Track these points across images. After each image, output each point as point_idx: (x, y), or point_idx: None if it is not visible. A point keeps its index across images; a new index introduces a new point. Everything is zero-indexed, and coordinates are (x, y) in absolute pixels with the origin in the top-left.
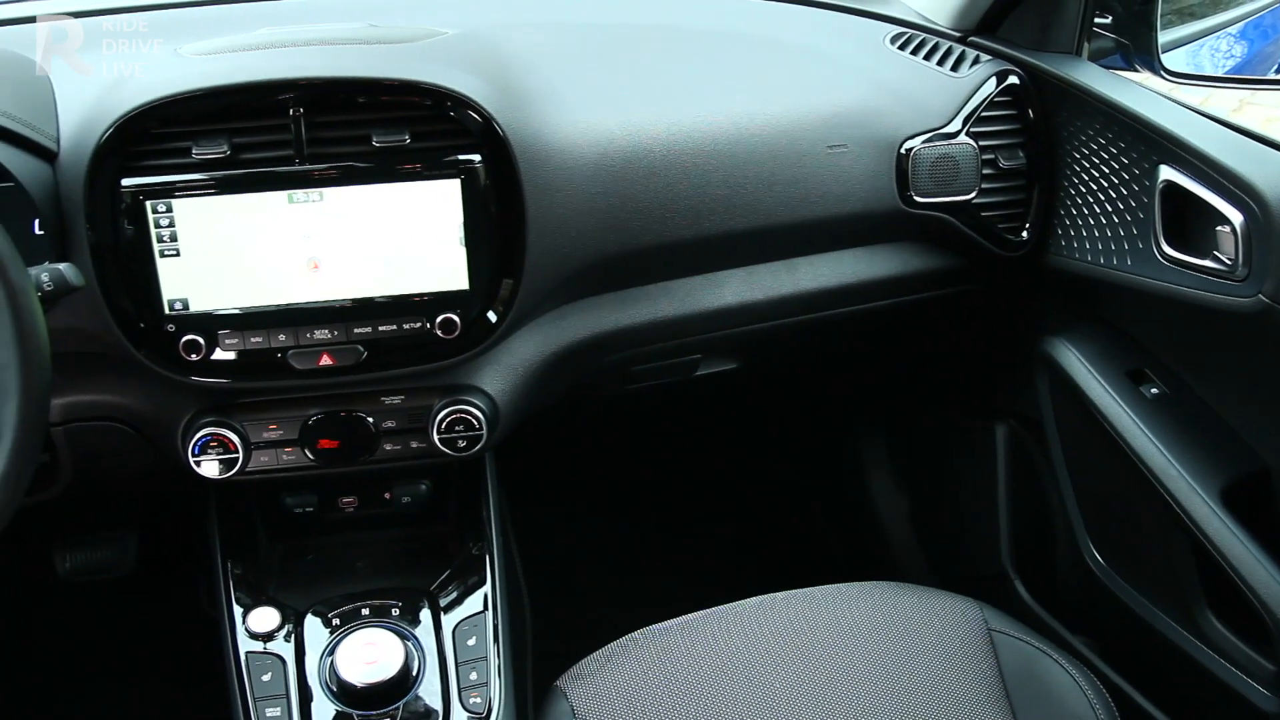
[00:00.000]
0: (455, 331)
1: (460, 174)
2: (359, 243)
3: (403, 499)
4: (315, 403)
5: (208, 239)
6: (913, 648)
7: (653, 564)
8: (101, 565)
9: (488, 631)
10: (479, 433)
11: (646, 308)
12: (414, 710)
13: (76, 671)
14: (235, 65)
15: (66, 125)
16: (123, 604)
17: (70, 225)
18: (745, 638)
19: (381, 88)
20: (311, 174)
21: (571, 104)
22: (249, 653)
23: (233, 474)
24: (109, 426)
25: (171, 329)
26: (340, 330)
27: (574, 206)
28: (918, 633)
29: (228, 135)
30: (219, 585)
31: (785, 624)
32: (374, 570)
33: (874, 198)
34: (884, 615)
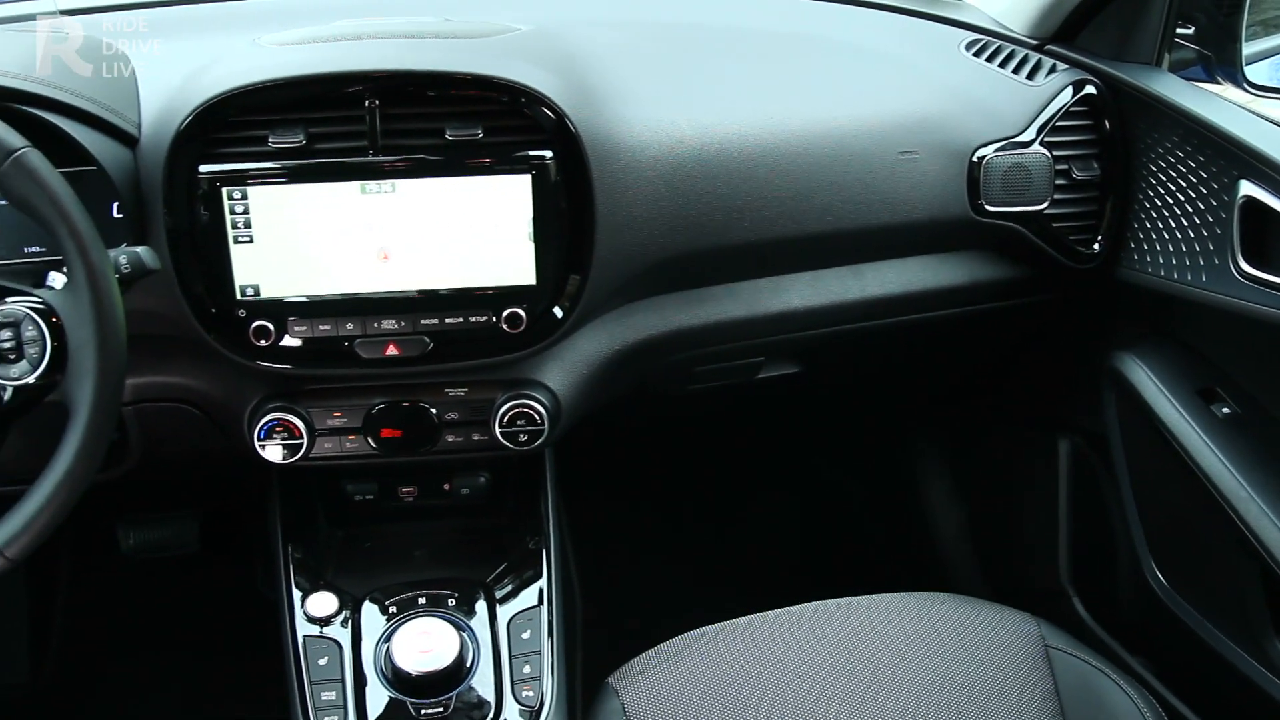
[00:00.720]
0: (521, 326)
1: (531, 170)
2: (429, 235)
3: (462, 490)
4: (379, 392)
5: (281, 227)
6: (968, 661)
7: (705, 566)
8: (164, 543)
9: (542, 626)
10: (540, 428)
11: (711, 309)
12: (467, 701)
13: (135, 645)
14: (313, 56)
15: (148, 112)
16: (183, 582)
17: (148, 210)
18: (798, 643)
19: (457, 82)
20: (384, 166)
21: (643, 102)
22: (306, 636)
23: (296, 459)
24: (177, 408)
25: (242, 314)
26: (407, 321)
27: (643, 205)
28: (973, 646)
29: (304, 125)
30: (279, 569)
31: (839, 631)
32: (431, 560)
33: (944, 205)
34: (939, 627)
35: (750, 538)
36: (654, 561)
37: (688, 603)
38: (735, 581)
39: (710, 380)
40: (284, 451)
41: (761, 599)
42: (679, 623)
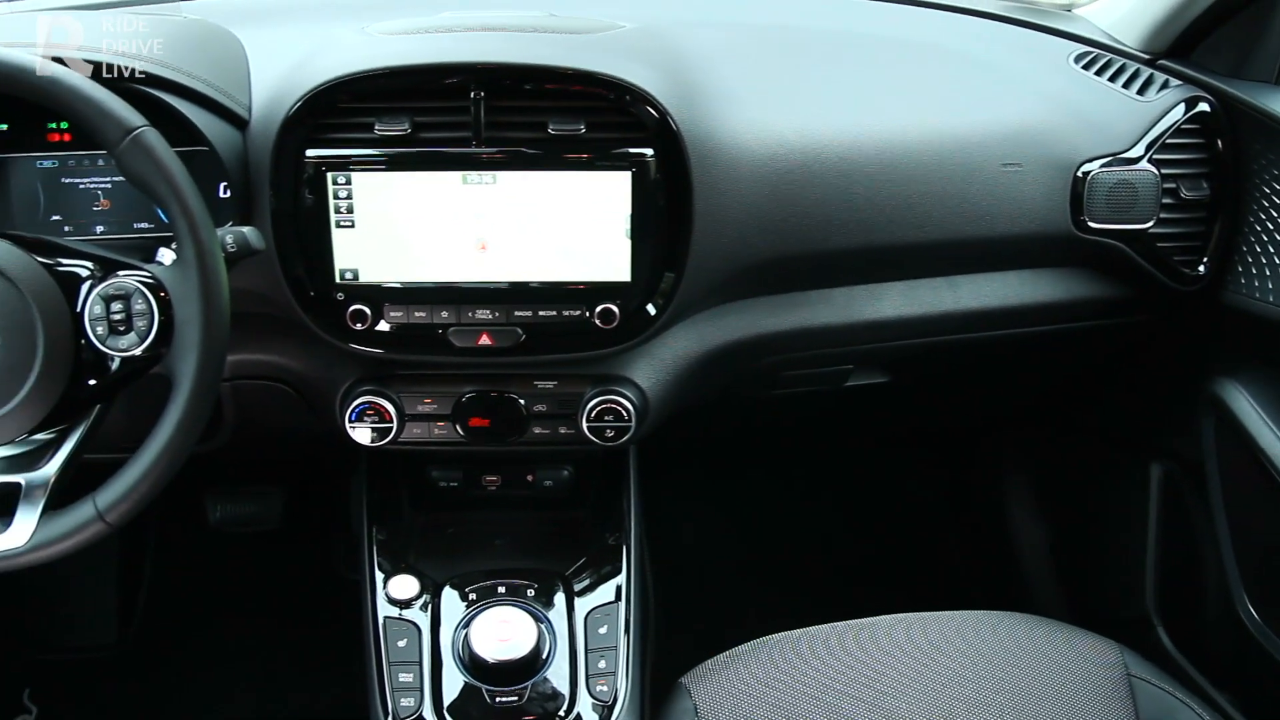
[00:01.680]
0: (614, 322)
1: (631, 167)
2: (527, 227)
3: (545, 482)
4: (470, 380)
5: (382, 213)
6: (1047, 684)
7: (777, 571)
8: (249, 518)
9: (619, 622)
10: (627, 424)
11: (804, 314)
12: (541, 691)
13: (215, 614)
14: (421, 46)
15: (259, 95)
16: (264, 557)
17: (255, 191)
18: (874, 656)
19: (562, 77)
20: (486, 157)
21: (746, 104)
22: (387, 618)
23: (385, 443)
24: (272, 387)
25: (340, 297)
26: (501, 312)
27: (742, 206)
28: (1053, 669)
29: (409, 114)
30: (363, 550)
31: (916, 645)
32: (511, 549)
33: (1045, 220)
34: (1019, 647)
35: (824, 545)
36: (726, 564)
37: (758, 608)
38: (808, 589)
39: (797, 386)
40: (373, 434)
41: (834, 608)
42: (748, 627)
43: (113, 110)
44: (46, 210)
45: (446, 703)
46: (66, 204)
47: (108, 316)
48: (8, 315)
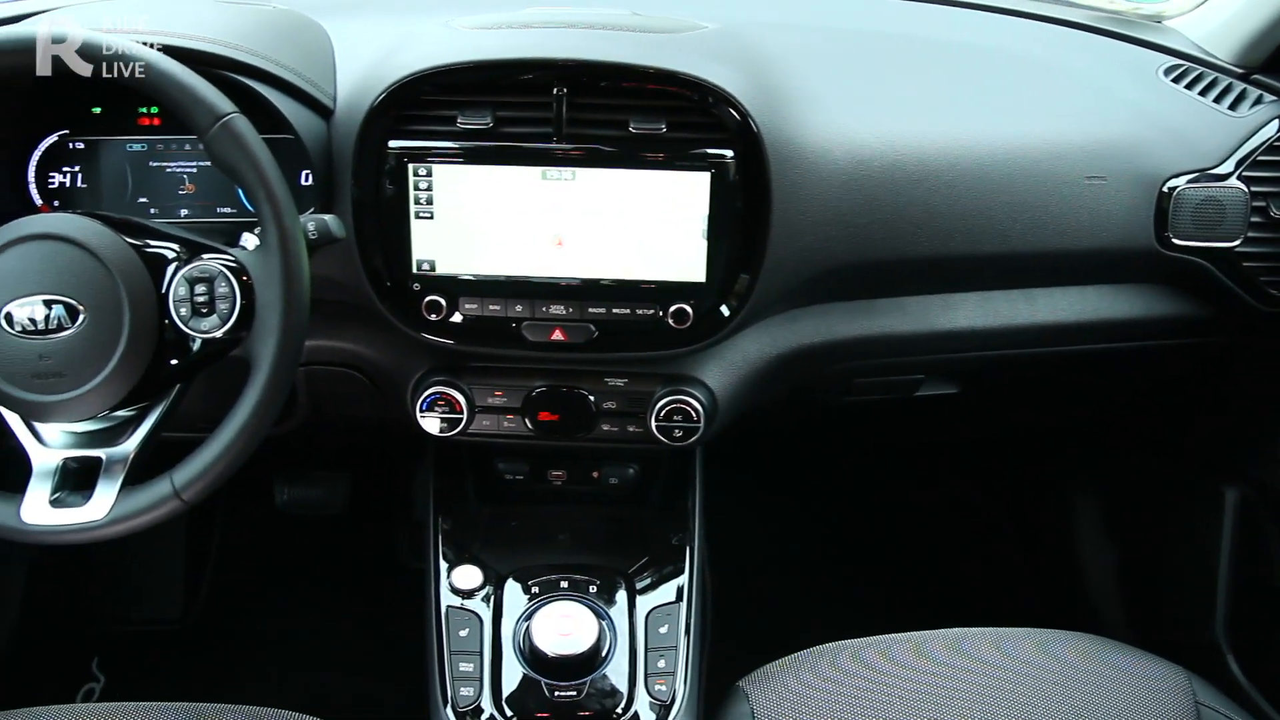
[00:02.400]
0: (687, 322)
1: (711, 168)
2: (604, 224)
3: (610, 479)
4: (540, 375)
5: (461, 205)
6: (1111, 707)
7: (839, 579)
8: (316, 502)
9: (680, 622)
10: (696, 425)
11: (877, 321)
12: (600, 688)
13: (278, 595)
14: (505, 41)
15: (343, 85)
16: (328, 541)
17: (337, 180)
18: (936, 667)
19: (646, 76)
20: (567, 153)
21: (827, 108)
22: (449, 607)
23: (454, 433)
24: (346, 373)
25: (417, 288)
26: (575, 308)
27: (819, 211)
28: (1118, 692)
29: (491, 108)
30: (428, 538)
31: (979, 660)
32: (574, 545)
33: (1128, 235)
34: (1083, 667)
35: (885, 554)
36: (783, 569)
37: (815, 614)
38: (867, 597)
39: (866, 394)
40: (443, 424)
41: (893, 618)
42: (804, 633)
43: (204, 96)
44: (134, 192)
45: (505, 694)
46: (153, 186)
47: (191, 298)
48: (96, 293)
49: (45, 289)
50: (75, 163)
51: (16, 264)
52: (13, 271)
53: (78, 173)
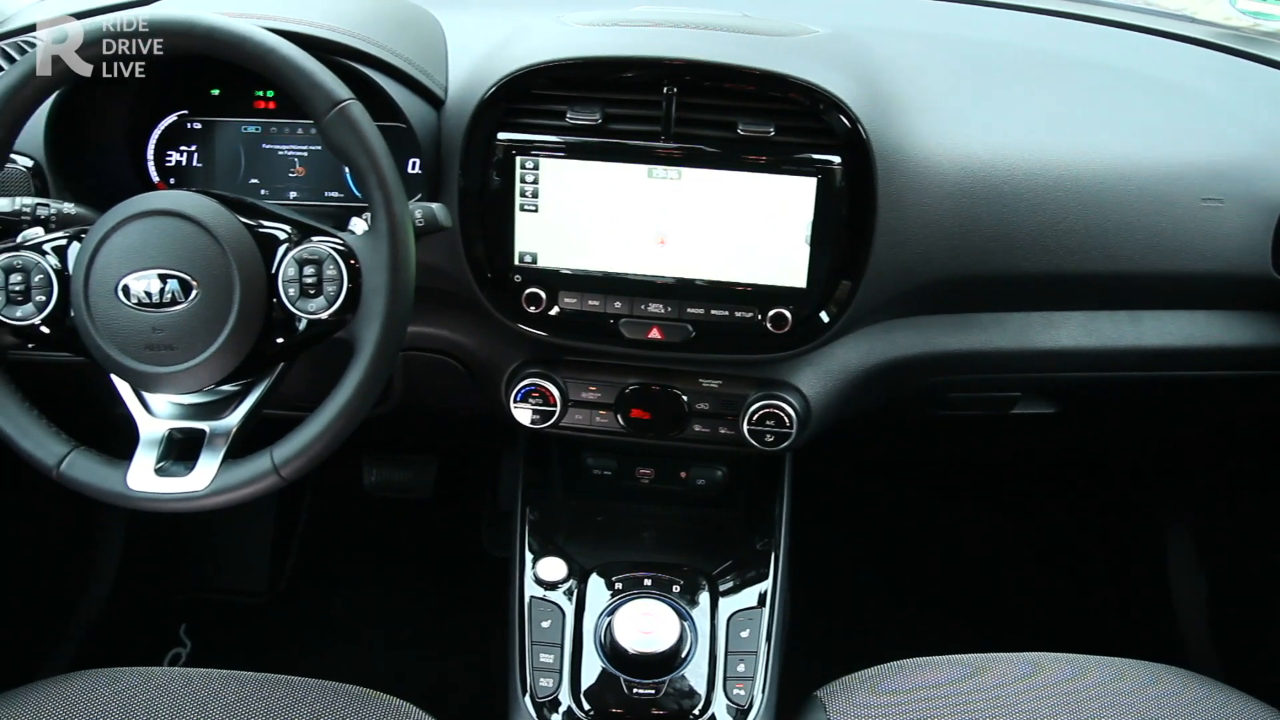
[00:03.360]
0: (785, 327)
1: (817, 173)
2: (707, 225)
3: (697, 480)
4: (635, 372)
5: (566, 200)
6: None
7: (919, 594)
8: (403, 485)
9: (762, 628)
10: (788, 430)
11: (976, 336)
12: (678, 688)
13: (360, 575)
14: (618, 38)
15: (455, 76)
16: (412, 525)
17: (444, 169)
18: (1018, 691)
19: (757, 78)
20: (674, 152)
21: (937, 118)
22: (533, 598)
23: (546, 425)
24: (442, 361)
25: (518, 280)
26: (674, 307)
27: (925, 221)
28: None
29: (601, 105)
30: (515, 527)
31: (1063, 687)
32: (659, 543)
33: (1243, 260)
34: (1172, 703)
35: (967, 573)
36: (863, 580)
37: (891, 628)
38: (945, 616)
39: (960, 409)
40: (535, 416)
41: (972, 637)
42: (880, 646)
43: (322, 82)
44: (246, 173)
45: (584, 687)
46: (265, 168)
47: (300, 279)
48: (209, 269)
49: (162, 264)
50: (192, 142)
51: (136, 238)
52: (132, 245)
53: (194, 152)
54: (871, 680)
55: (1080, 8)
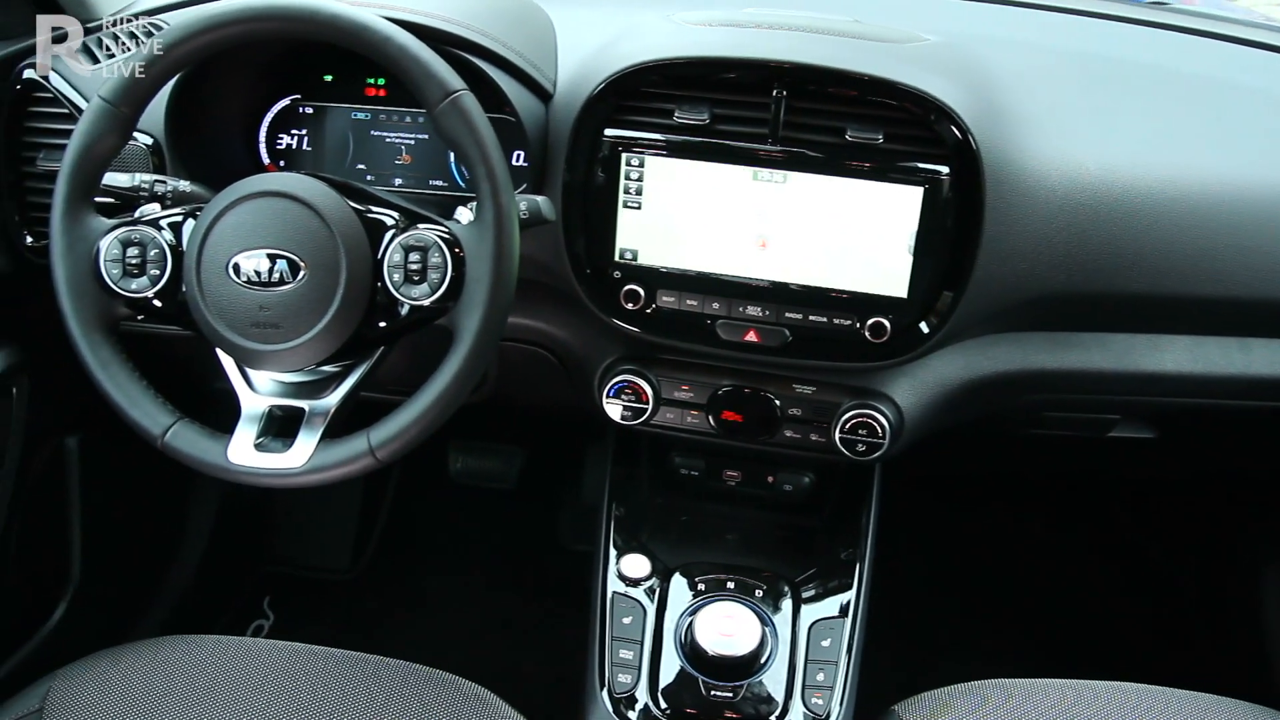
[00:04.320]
0: (884, 336)
1: (924, 183)
2: (809, 231)
3: (784, 486)
4: (728, 374)
5: (669, 199)
6: None
7: (999, 614)
8: (488, 474)
9: (843, 638)
10: (880, 441)
11: (1078, 355)
12: (756, 693)
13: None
14: (730, 39)
15: (564, 71)
16: (493, 514)
17: (549, 163)
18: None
19: (869, 85)
20: (780, 156)
21: (1049, 132)
22: (615, 593)
23: (637, 423)
24: (537, 353)
25: (617, 276)
26: (772, 311)
27: (1031, 236)
28: None
29: (709, 105)
30: (600, 522)
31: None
32: (743, 546)
33: None
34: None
35: (1051, 596)
36: (940, 594)
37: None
38: (1024, 638)
39: (1055, 428)
40: (626, 413)
41: (1048, 662)
42: (956, 664)
43: (437, 72)
44: (353, 158)
45: (661, 686)
46: (372, 154)
47: (405, 265)
48: (317, 252)
49: (272, 244)
50: (303, 126)
51: (248, 218)
52: (244, 224)
53: (304, 136)
54: (949, 698)
55: (1195, 21)
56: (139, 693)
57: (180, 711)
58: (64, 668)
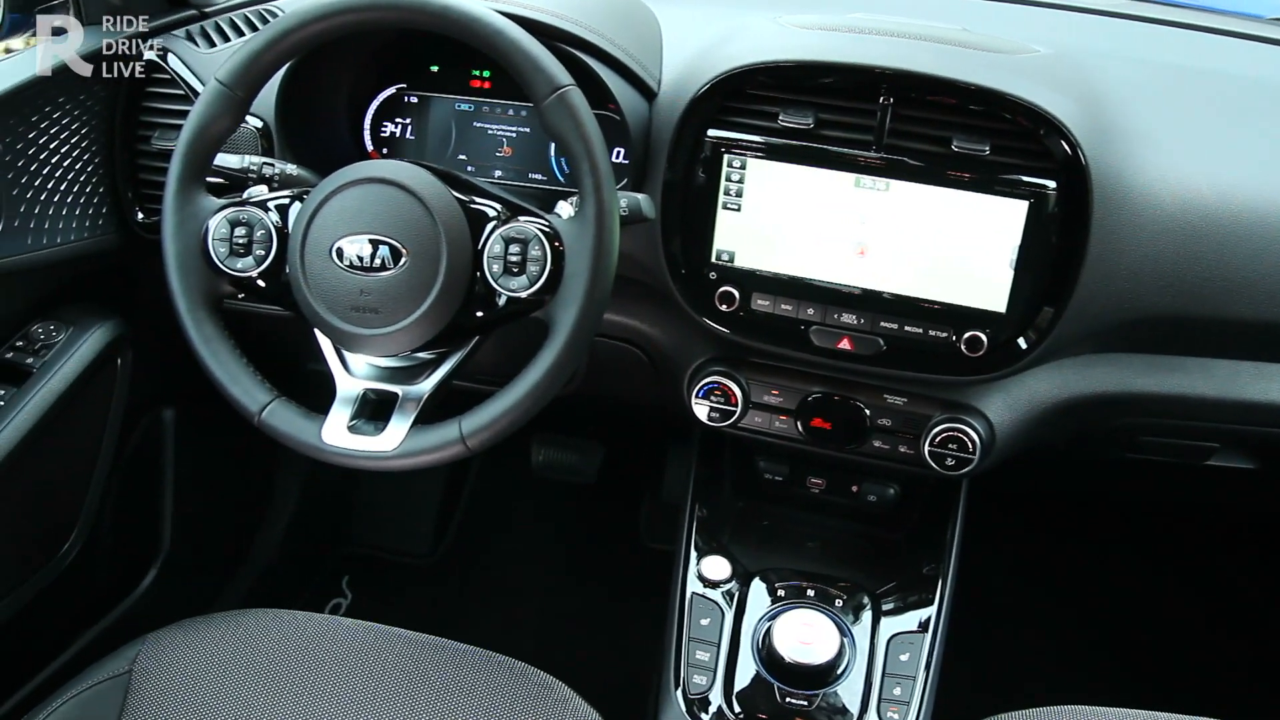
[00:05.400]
0: (980, 350)
1: (1030, 197)
2: (909, 240)
3: (868, 496)
4: (819, 381)
5: (769, 202)
6: None
7: (1079, 639)
8: (569, 467)
9: (922, 653)
10: (970, 456)
11: (1179, 380)
12: (831, 703)
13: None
14: (838, 44)
15: (669, 70)
16: (571, 507)
17: (650, 162)
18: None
19: (980, 95)
20: (882, 163)
21: (1160, 150)
22: (694, 594)
23: (725, 424)
24: (627, 349)
25: (712, 277)
26: (867, 319)
27: (1138, 255)
28: None
29: (814, 109)
30: (682, 522)
31: None
32: (823, 555)
33: None
34: None
35: (1134, 624)
36: (1024, 617)
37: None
38: (1106, 665)
39: (1150, 453)
40: (714, 414)
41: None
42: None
43: (546, 66)
44: (455, 149)
45: (736, 689)
46: (474, 146)
47: (505, 257)
48: (419, 239)
49: (375, 230)
50: (408, 115)
51: (353, 203)
52: (349, 210)
53: (408, 124)
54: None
55: None
56: (224, 661)
57: (263, 682)
58: (152, 633)
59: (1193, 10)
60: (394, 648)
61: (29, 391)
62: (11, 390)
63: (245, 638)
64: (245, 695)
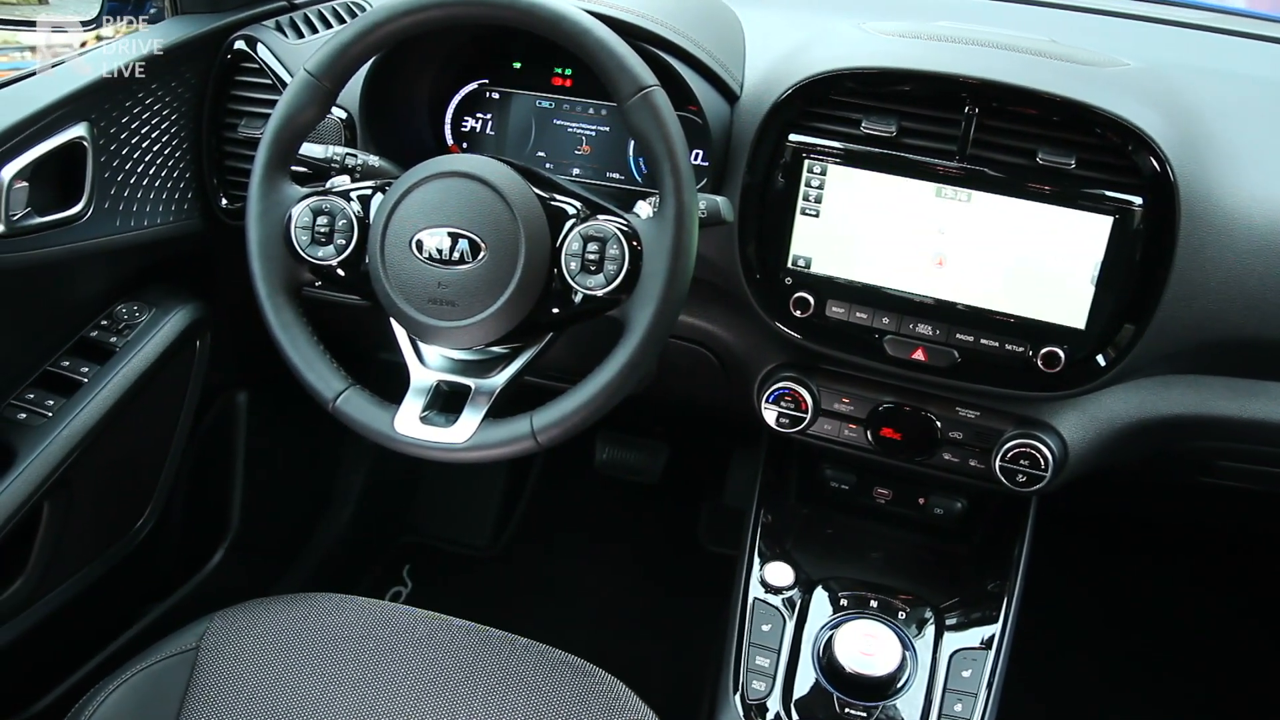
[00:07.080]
0: (1056, 366)
1: (1115, 213)
2: (989, 252)
3: (935, 509)
4: (891, 391)
5: (849, 209)
6: None
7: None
8: (632, 466)
9: (984, 670)
10: (1041, 473)
11: (1261, 405)
12: (890, 716)
13: (575, 545)
14: (923, 52)
15: (751, 74)
16: (632, 507)
17: (730, 164)
18: None
19: (1066, 108)
20: (966, 174)
21: (1251, 167)
22: (756, 599)
23: (793, 430)
24: (699, 351)
25: (788, 282)
26: (942, 330)
27: (1226, 276)
28: None
29: (898, 117)
30: (747, 527)
31: None
32: (887, 566)
33: None
34: None
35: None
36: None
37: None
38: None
39: (1226, 478)
40: (783, 419)
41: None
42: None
43: (630, 66)
44: (534, 145)
45: (795, 697)
46: (553, 143)
47: (582, 255)
48: (498, 234)
49: (455, 223)
50: (489, 110)
51: (434, 197)
52: (429, 203)
53: (489, 120)
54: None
55: None
56: (290, 642)
57: (327, 665)
58: (220, 611)
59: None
60: (455, 638)
61: (111, 369)
62: (95, 368)
63: (311, 620)
64: (308, 676)
